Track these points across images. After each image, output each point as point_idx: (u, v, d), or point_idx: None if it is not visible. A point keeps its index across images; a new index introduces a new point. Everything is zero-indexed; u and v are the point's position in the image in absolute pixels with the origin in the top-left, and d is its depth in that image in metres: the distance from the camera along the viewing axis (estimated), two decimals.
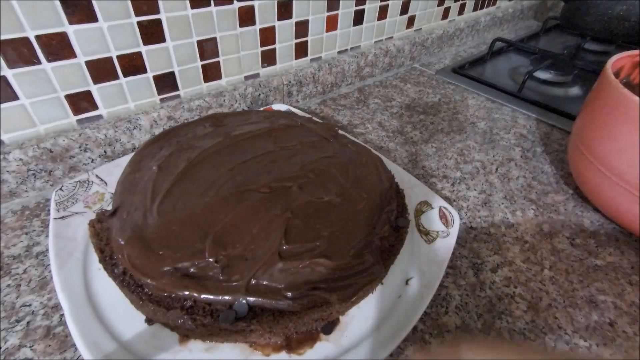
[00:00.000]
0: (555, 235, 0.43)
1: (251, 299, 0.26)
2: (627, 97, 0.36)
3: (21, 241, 0.37)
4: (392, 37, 0.76)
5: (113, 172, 0.41)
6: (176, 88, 0.49)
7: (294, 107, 0.57)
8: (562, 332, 0.33)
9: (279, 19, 0.54)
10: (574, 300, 0.36)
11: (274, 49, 0.57)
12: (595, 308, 0.35)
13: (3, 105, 0.37)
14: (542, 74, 0.74)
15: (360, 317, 0.31)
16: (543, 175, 0.52)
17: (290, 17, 0.55)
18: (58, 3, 0.36)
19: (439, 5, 0.81)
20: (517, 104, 0.67)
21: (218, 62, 0.51)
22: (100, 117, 0.45)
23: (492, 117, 0.64)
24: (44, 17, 0.36)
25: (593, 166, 0.41)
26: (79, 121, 0.43)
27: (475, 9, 0.94)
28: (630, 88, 0.38)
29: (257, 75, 0.57)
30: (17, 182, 0.40)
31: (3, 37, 0.35)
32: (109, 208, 0.35)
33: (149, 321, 0.29)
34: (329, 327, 0.30)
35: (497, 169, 0.52)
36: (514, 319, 0.34)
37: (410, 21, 0.77)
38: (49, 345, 0.29)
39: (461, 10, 0.89)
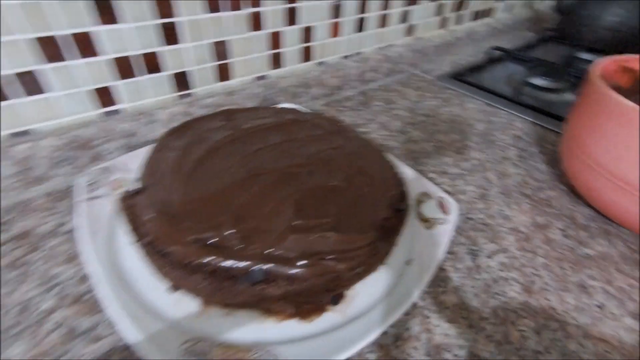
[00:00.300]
0: (548, 227, 0.45)
1: (266, 265, 0.28)
2: (611, 97, 0.39)
3: (50, 220, 0.39)
4: (393, 45, 0.80)
5: (133, 160, 0.44)
6: (192, 86, 0.53)
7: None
8: (553, 312, 0.35)
9: (286, 25, 0.58)
10: (565, 284, 0.38)
11: (282, 53, 0.60)
12: (585, 292, 0.37)
13: (38, 97, 0.41)
14: (537, 81, 0.78)
15: (364, 292, 0.34)
16: (538, 173, 0.54)
17: (297, 23, 0.59)
18: (92, 4, 0.40)
19: (437, 15, 0.85)
20: (514, 108, 0.71)
21: (230, 63, 0.55)
22: (123, 110, 0.48)
23: (490, 120, 0.67)
24: (79, 17, 0.40)
25: (582, 161, 0.44)
26: (104, 113, 0.47)
27: (473, 20, 0.98)
28: (617, 91, 0.41)
29: (265, 77, 0.61)
30: (46, 168, 0.43)
31: (43, 34, 0.38)
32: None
33: (173, 288, 0.32)
34: (336, 299, 0.33)
35: (494, 167, 0.55)
36: (509, 299, 0.36)
37: (410, 30, 0.81)
38: (80, 309, 0.31)
39: (459, 21, 0.94)
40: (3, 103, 0.40)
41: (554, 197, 0.50)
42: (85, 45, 0.41)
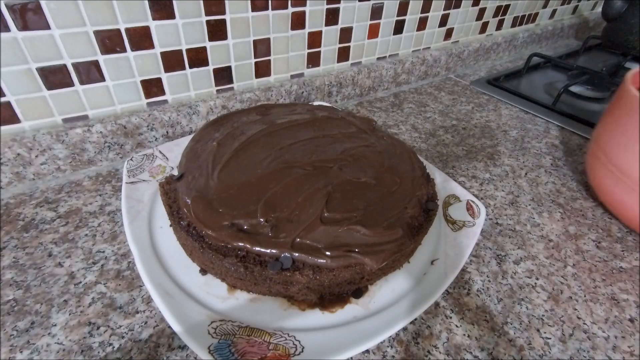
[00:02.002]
0: (581, 237, 0.44)
1: (295, 254, 0.30)
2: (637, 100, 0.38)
3: (96, 201, 0.43)
4: (429, 48, 0.80)
5: (173, 149, 0.47)
6: (231, 81, 0.55)
7: (333, 106, 0.62)
8: (580, 322, 0.35)
9: (326, 25, 0.59)
10: (595, 295, 0.37)
11: (319, 52, 0.62)
12: (616, 305, 0.36)
13: (92, 86, 0.44)
14: (578, 89, 0.75)
15: (387, 287, 0.34)
16: (573, 182, 0.53)
17: (336, 23, 0.60)
18: (147, 2, 0.43)
19: (477, 19, 0.84)
20: (551, 116, 0.69)
21: (269, 60, 0.57)
22: (166, 101, 0.51)
23: (525, 127, 0.66)
24: (134, 13, 0.43)
25: (608, 171, 0.42)
26: (149, 104, 0.50)
27: (513, 25, 0.96)
28: None
29: (301, 75, 0.63)
30: (95, 152, 0.46)
31: (101, 28, 0.42)
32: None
33: (203, 272, 0.34)
34: (359, 292, 0.33)
35: (526, 174, 0.54)
36: (534, 306, 0.36)
37: (448, 33, 0.81)
38: (119, 284, 0.34)
39: (499, 26, 0.92)
40: (61, 90, 0.43)
41: (588, 207, 0.49)
42: (138, 39, 0.44)
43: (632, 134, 0.39)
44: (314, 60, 0.62)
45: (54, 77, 0.42)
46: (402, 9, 0.67)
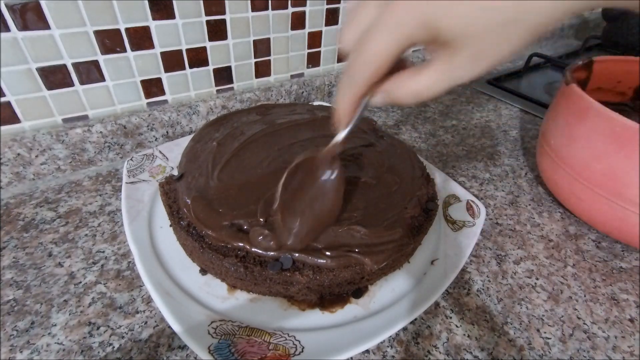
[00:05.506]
0: (581, 237, 0.44)
1: (295, 254, 0.30)
2: (581, 98, 0.39)
3: (96, 201, 0.43)
4: None
5: (173, 149, 0.47)
6: (231, 81, 0.55)
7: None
8: (580, 322, 0.35)
9: (326, 25, 0.59)
10: (595, 295, 0.37)
11: (319, 52, 0.62)
12: (616, 305, 0.36)
13: (92, 86, 0.44)
14: None
15: (387, 288, 0.34)
16: None
17: (336, 23, 0.60)
18: (147, 2, 0.43)
19: None
20: None
21: (269, 60, 0.57)
22: (166, 101, 0.51)
23: (525, 127, 0.66)
24: (134, 13, 0.43)
25: (554, 163, 0.44)
26: (149, 104, 0.50)
27: None
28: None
29: (302, 75, 0.63)
30: (95, 152, 0.46)
31: (101, 28, 0.42)
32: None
33: (203, 272, 0.34)
34: (359, 292, 0.33)
35: (526, 174, 0.54)
36: (534, 306, 0.36)
37: None
38: (119, 284, 0.34)
39: None
40: (61, 90, 0.43)
41: None
42: (138, 39, 0.44)
43: (571, 125, 0.41)
44: (314, 60, 0.62)
45: (54, 77, 0.42)
46: None
